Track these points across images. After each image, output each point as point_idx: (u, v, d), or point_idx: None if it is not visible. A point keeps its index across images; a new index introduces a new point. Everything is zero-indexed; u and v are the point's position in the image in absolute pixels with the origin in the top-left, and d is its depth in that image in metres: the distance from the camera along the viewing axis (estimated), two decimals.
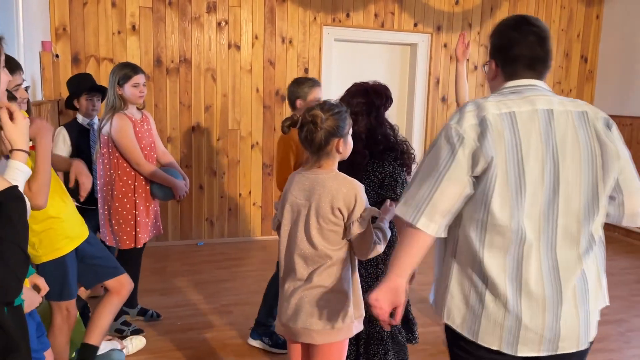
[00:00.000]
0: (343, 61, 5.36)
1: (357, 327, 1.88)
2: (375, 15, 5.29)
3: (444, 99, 5.68)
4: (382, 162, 2.31)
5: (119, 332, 3.13)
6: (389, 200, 2.13)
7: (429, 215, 1.43)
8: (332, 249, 1.81)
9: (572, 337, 1.46)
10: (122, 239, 3.03)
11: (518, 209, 1.41)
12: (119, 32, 4.60)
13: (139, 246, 3.07)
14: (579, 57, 6.07)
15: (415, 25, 5.43)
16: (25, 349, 1.33)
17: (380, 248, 1.85)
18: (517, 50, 1.53)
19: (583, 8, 5.97)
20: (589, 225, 1.46)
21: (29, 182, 1.85)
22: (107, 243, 3.05)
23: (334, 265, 1.81)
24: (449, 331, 1.57)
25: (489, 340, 1.46)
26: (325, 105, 1.81)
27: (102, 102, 3.58)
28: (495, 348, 1.46)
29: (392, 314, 1.55)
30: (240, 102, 5.02)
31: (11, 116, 1.47)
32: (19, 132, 1.50)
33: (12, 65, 2.12)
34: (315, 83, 2.98)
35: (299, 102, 2.94)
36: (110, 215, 3.03)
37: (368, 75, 5.48)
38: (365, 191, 1.85)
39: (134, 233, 3.03)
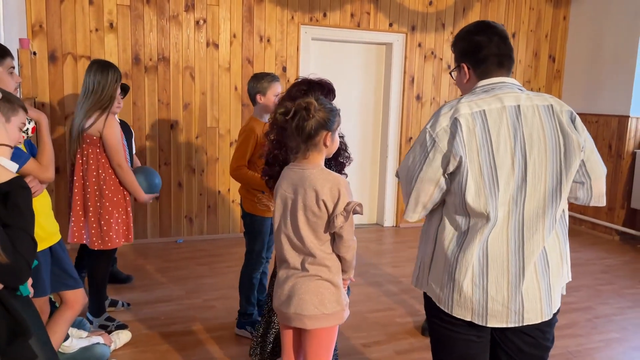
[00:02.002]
0: (320, 60, 5.45)
1: (347, 313, 1.98)
2: (352, 15, 5.39)
3: (418, 97, 5.82)
4: None
5: (104, 327, 3.16)
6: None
7: (412, 208, 1.69)
8: (318, 245, 1.89)
9: (536, 309, 1.63)
10: (111, 239, 3.00)
11: (492, 197, 1.57)
12: (96, 30, 4.59)
13: (130, 242, 3.11)
14: (547, 57, 6.28)
15: (391, 25, 5.56)
16: (36, 337, 1.38)
17: (354, 244, 1.95)
18: (486, 51, 1.70)
19: (551, 9, 6.19)
20: (552, 209, 1.62)
21: (39, 157, 2.19)
22: (90, 246, 3.00)
23: (325, 258, 1.90)
24: (428, 302, 1.75)
25: (461, 312, 1.64)
26: (319, 100, 1.90)
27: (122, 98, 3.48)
28: (468, 319, 1.64)
29: None
30: (219, 100, 5.06)
31: None
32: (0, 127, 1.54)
33: (1, 51, 2.23)
34: (274, 78, 3.08)
35: (259, 97, 3.04)
36: (99, 216, 2.98)
37: (345, 74, 5.61)
38: None
39: (124, 229, 3.06)
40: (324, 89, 2.38)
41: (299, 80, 2.47)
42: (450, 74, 1.89)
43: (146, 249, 4.83)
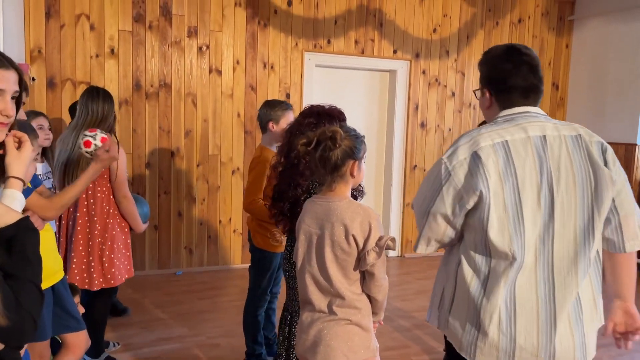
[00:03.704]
0: (324, 87, 5.36)
1: None
2: (356, 42, 5.33)
3: (422, 125, 5.74)
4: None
5: None
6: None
7: (424, 243, 1.61)
8: (347, 285, 1.74)
9: (568, 358, 1.48)
10: (114, 276, 2.79)
11: (517, 234, 1.44)
12: (97, 56, 4.47)
13: (131, 276, 2.92)
14: (551, 85, 6.25)
15: (395, 52, 5.50)
16: None
17: (386, 283, 1.81)
18: (512, 82, 1.57)
19: (553, 37, 6.18)
20: (585, 249, 1.48)
21: (58, 196, 2.04)
22: (92, 288, 2.76)
23: (354, 299, 1.74)
24: (449, 345, 1.62)
25: None
26: (343, 127, 1.78)
27: None
28: None
29: None
30: (221, 128, 4.93)
31: (19, 145, 1.39)
32: (20, 160, 1.41)
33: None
34: (288, 106, 2.95)
35: (271, 125, 2.90)
36: (101, 253, 2.76)
37: (348, 101, 5.52)
38: None
39: (126, 264, 2.87)
40: (333, 119, 2.26)
41: (309, 109, 2.35)
42: (474, 92, 1.77)
43: (144, 281, 4.62)
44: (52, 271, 2.11)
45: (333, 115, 2.28)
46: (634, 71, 5.50)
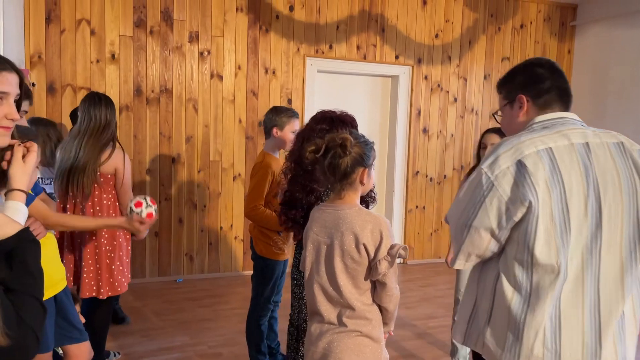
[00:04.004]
0: (326, 92, 5.33)
1: None
2: (358, 47, 5.30)
3: (425, 130, 5.70)
4: None
5: None
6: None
7: (464, 259, 1.51)
8: (357, 295, 1.70)
9: None
10: (121, 283, 2.77)
11: (563, 245, 1.39)
12: (97, 61, 4.44)
13: (128, 281, 2.88)
14: None
15: (397, 57, 5.47)
16: None
17: (398, 292, 1.77)
18: (549, 83, 1.56)
19: (555, 43, 6.16)
20: (632, 262, 1.43)
21: (67, 217, 1.90)
22: (101, 296, 2.74)
23: (365, 310, 1.70)
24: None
25: None
26: (352, 134, 1.73)
27: None
28: None
29: None
30: (223, 133, 4.89)
31: (24, 156, 1.35)
32: (23, 172, 1.37)
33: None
34: (294, 114, 2.92)
35: (275, 130, 2.87)
36: (109, 261, 2.73)
37: (350, 106, 5.46)
38: None
39: (126, 273, 2.83)
40: (346, 126, 2.22)
41: (321, 114, 2.31)
42: (493, 116, 1.73)
43: (144, 289, 4.57)
44: (54, 281, 2.06)
45: (346, 122, 2.25)
46: (636, 76, 5.47)
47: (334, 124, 2.22)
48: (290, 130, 2.85)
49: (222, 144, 4.90)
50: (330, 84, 5.37)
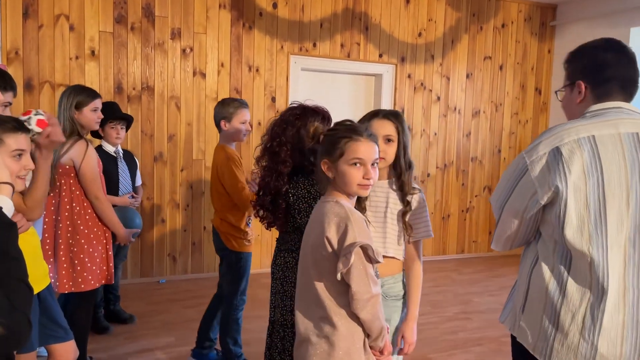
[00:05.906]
0: (310, 90, 5.29)
1: None
2: (342, 45, 5.28)
3: (408, 129, 5.70)
4: (297, 184, 2.04)
5: None
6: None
7: (497, 240, 1.59)
8: (328, 295, 1.58)
9: None
10: (85, 280, 2.67)
11: (597, 233, 1.37)
12: (76, 57, 4.34)
13: (111, 282, 2.81)
14: (534, 89, 6.29)
15: (381, 56, 5.47)
16: None
17: (374, 300, 1.55)
18: (611, 71, 1.51)
19: (536, 43, 6.23)
20: None
21: (24, 198, 1.89)
22: (59, 290, 2.65)
23: (334, 312, 1.59)
24: (517, 346, 1.54)
25: None
26: (340, 123, 1.69)
27: (126, 131, 3.68)
28: None
29: None
30: (206, 132, 4.83)
31: None
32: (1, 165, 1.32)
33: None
34: (242, 104, 2.90)
35: (223, 123, 2.86)
36: (72, 255, 2.66)
37: (334, 104, 5.45)
38: None
39: (104, 269, 2.75)
40: (317, 114, 2.16)
41: (294, 104, 2.27)
42: (556, 92, 1.69)
43: (126, 290, 4.47)
44: (37, 277, 1.99)
45: (317, 111, 2.19)
46: None
47: (305, 110, 2.16)
48: (239, 121, 2.85)
49: (205, 142, 4.84)
50: (314, 82, 5.34)
